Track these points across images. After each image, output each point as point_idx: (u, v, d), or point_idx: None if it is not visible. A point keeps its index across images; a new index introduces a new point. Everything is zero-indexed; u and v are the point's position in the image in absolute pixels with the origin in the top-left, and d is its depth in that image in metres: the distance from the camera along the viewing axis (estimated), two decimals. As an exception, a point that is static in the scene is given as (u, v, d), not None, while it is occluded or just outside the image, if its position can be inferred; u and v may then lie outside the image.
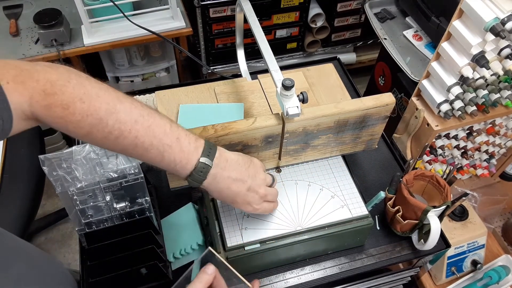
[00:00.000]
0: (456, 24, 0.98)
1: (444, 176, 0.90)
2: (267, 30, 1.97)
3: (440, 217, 0.83)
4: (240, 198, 0.68)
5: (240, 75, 1.11)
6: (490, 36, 0.91)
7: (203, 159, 0.62)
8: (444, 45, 1.03)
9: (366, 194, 0.88)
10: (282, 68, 1.07)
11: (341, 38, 2.18)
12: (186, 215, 0.89)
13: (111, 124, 0.55)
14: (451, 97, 1.06)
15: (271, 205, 0.73)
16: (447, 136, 1.25)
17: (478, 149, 1.35)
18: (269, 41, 0.79)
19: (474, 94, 1.09)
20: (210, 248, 0.63)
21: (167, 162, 0.61)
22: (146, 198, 0.79)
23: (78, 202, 0.74)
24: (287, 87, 0.69)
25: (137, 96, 1.10)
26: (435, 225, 0.80)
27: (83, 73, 0.57)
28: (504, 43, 0.96)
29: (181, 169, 0.62)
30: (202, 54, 1.98)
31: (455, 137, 1.25)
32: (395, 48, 1.54)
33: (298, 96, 0.71)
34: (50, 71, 0.53)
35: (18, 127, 0.54)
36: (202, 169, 0.63)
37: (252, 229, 0.78)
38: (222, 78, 1.10)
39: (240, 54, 1.10)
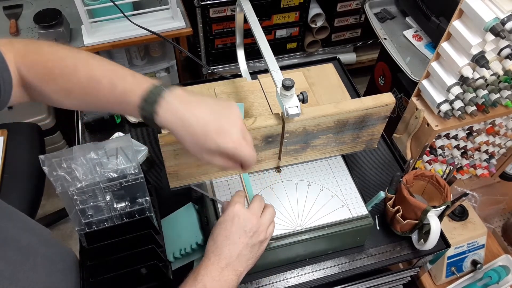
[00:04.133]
0: (456, 24, 0.98)
1: (444, 176, 0.90)
2: (267, 30, 1.97)
3: (440, 217, 0.83)
4: (212, 125, 0.57)
5: (240, 75, 1.11)
6: (490, 36, 0.91)
7: (156, 83, 0.58)
8: (444, 45, 1.03)
9: (366, 194, 0.88)
10: (282, 68, 1.06)
11: (341, 38, 2.18)
12: (186, 215, 0.89)
13: (70, 62, 0.59)
14: (451, 97, 1.07)
15: (253, 154, 0.60)
16: (447, 136, 1.25)
17: (478, 149, 1.35)
18: (269, 41, 0.79)
19: (474, 94, 1.09)
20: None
21: (118, 92, 0.58)
22: (146, 198, 0.79)
23: (78, 202, 0.74)
24: (287, 87, 0.69)
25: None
26: (435, 225, 0.80)
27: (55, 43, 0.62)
28: (504, 43, 0.96)
29: (132, 95, 0.57)
30: (202, 54, 1.98)
31: (455, 137, 1.25)
32: (395, 48, 1.54)
33: (298, 96, 0.71)
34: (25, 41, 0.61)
35: (14, 94, 0.58)
36: (154, 89, 0.56)
37: (252, 229, 0.78)
38: (222, 78, 1.10)
39: (240, 54, 1.10)
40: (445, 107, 1.10)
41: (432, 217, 0.81)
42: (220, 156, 0.59)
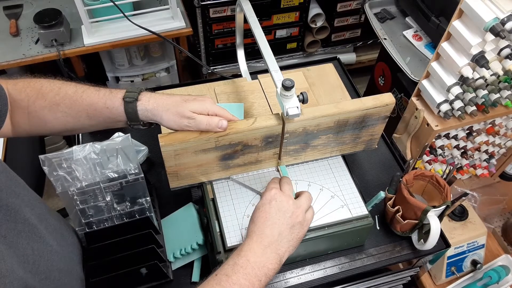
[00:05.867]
0: (456, 24, 0.98)
1: (444, 176, 0.90)
2: (267, 30, 1.97)
3: (440, 217, 0.83)
4: (179, 98, 0.72)
5: (240, 75, 1.11)
6: (490, 36, 0.91)
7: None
8: (444, 45, 1.03)
9: (366, 194, 0.88)
10: (282, 68, 1.07)
11: (341, 38, 2.18)
12: (186, 215, 0.89)
13: (56, 82, 0.74)
14: (451, 97, 1.07)
15: (213, 119, 0.71)
16: (447, 136, 1.25)
17: (478, 149, 1.35)
18: (269, 41, 0.79)
19: (474, 94, 1.09)
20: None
21: (103, 93, 0.72)
22: (146, 198, 0.79)
23: (78, 202, 0.75)
24: (287, 87, 0.69)
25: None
26: (435, 225, 0.80)
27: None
28: (504, 43, 0.96)
29: (116, 92, 0.72)
30: (202, 54, 1.98)
31: (455, 137, 1.25)
32: (395, 48, 1.54)
33: (298, 96, 0.71)
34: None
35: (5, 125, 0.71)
36: (131, 89, 0.72)
37: (252, 229, 0.78)
38: (222, 78, 1.10)
39: (240, 54, 1.10)
40: (445, 107, 1.10)
41: (432, 217, 0.81)
42: (194, 116, 0.71)
